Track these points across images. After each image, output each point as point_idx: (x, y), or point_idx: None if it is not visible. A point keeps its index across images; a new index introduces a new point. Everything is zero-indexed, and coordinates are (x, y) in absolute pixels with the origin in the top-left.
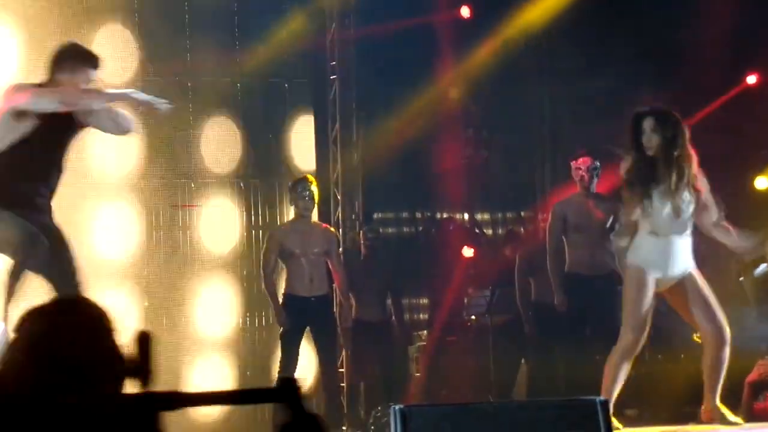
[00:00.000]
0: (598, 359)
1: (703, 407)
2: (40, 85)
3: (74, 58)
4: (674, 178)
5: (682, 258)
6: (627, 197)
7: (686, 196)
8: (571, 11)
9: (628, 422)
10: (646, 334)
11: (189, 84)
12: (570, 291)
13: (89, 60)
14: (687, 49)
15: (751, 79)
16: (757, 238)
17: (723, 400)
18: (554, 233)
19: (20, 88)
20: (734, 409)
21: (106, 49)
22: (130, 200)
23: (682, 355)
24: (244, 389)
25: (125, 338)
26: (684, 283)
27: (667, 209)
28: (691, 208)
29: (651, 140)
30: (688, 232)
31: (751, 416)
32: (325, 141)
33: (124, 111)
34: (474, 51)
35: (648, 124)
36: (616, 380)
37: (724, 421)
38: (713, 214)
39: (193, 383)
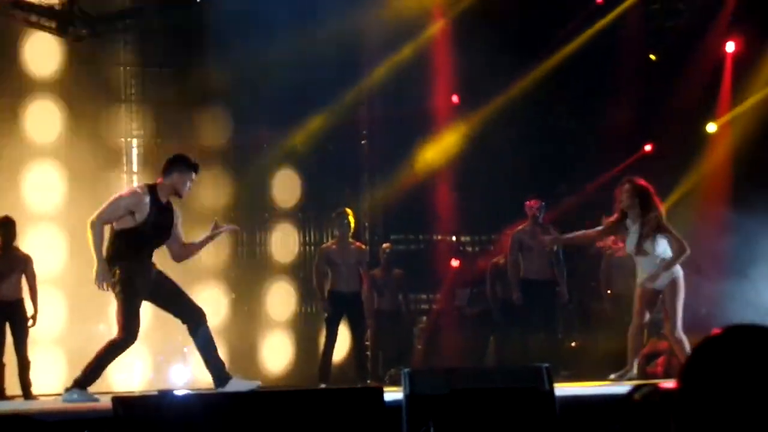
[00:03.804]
0: (543, 337)
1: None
2: (155, 185)
3: (182, 164)
4: None
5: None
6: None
7: None
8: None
9: (564, 379)
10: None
11: (264, 146)
12: (524, 290)
13: (193, 166)
14: (602, 124)
15: (648, 148)
16: None
17: (620, 366)
18: (513, 251)
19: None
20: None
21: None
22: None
23: (600, 334)
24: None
25: None
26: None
27: None
28: None
29: None
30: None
31: (645, 377)
32: (359, 186)
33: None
34: (460, 127)
35: None
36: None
37: None
38: None
39: (264, 353)
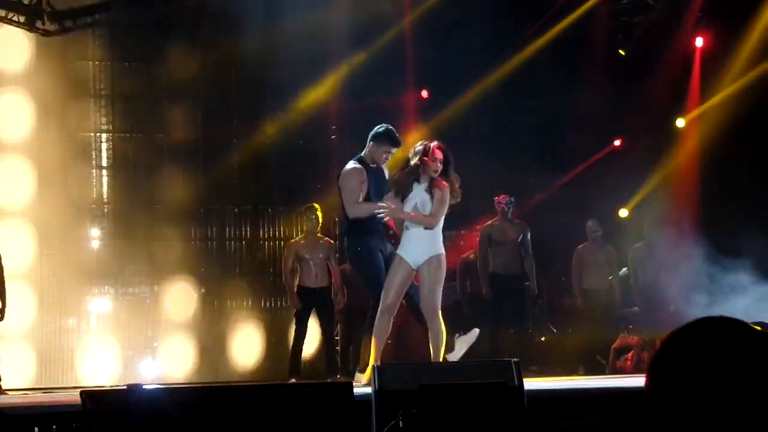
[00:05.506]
0: (512, 332)
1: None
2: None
3: (379, 136)
4: None
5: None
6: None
7: None
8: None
9: (532, 375)
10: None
11: (234, 141)
12: (492, 285)
13: (390, 139)
14: (571, 119)
15: (617, 143)
16: None
17: (594, 363)
18: (482, 247)
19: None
20: (603, 368)
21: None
22: (196, 222)
23: (570, 329)
24: None
25: None
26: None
27: None
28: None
29: None
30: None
31: (615, 371)
32: (327, 179)
33: None
34: (429, 119)
35: None
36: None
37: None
38: None
39: (233, 344)
